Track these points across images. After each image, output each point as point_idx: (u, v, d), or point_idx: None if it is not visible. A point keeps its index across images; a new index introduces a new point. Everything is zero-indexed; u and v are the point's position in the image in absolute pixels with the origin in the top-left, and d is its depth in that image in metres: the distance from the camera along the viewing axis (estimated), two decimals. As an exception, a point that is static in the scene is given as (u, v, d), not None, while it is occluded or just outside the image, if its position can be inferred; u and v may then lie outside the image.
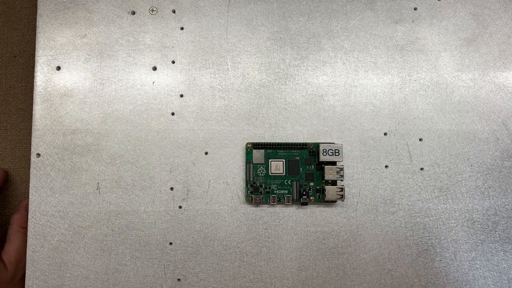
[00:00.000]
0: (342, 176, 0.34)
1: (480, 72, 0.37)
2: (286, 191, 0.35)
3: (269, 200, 0.35)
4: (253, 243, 0.35)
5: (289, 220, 0.35)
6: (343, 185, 0.34)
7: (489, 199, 0.36)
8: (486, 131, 0.36)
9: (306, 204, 0.35)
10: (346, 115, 0.36)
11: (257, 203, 0.35)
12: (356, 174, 0.36)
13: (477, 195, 0.36)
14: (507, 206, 0.36)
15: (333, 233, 0.35)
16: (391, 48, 0.37)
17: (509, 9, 0.38)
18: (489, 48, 0.37)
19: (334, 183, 0.35)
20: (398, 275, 0.35)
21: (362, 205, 0.35)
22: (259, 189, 0.35)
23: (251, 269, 0.34)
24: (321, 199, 0.35)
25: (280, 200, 0.35)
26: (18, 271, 0.34)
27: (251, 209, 0.35)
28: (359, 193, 0.35)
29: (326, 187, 0.34)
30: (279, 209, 0.35)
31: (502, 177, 0.36)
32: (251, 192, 0.35)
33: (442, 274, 0.35)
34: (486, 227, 0.35)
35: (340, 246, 0.35)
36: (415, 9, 0.38)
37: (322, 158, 0.34)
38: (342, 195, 0.34)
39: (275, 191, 0.35)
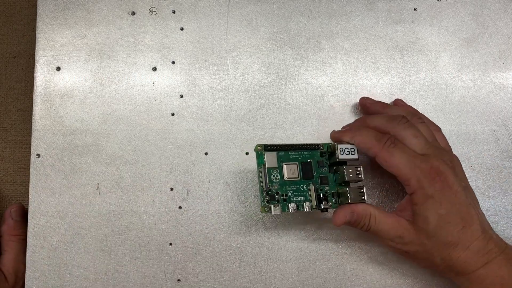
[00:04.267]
0: (362, 175, 0.31)
1: (480, 73, 0.37)
2: (303, 198, 0.31)
3: (288, 208, 0.30)
4: (253, 244, 0.35)
5: (289, 220, 0.35)
6: (363, 185, 0.31)
7: (489, 199, 0.36)
8: (486, 131, 0.36)
9: (326, 210, 0.31)
10: (346, 115, 0.36)
11: (276, 214, 0.31)
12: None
13: (477, 195, 0.35)
14: (507, 207, 0.36)
15: (332, 233, 0.35)
16: (391, 48, 0.37)
17: (509, 10, 0.38)
18: (489, 48, 0.37)
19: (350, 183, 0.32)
20: (398, 275, 0.34)
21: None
22: (275, 197, 0.30)
23: (251, 270, 0.34)
24: (341, 203, 0.31)
25: (298, 208, 0.30)
26: (18, 280, 0.34)
27: (251, 209, 0.35)
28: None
29: (349, 188, 0.31)
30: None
31: (502, 178, 0.36)
32: (268, 201, 0.30)
33: (442, 274, 0.35)
34: (486, 227, 0.35)
35: (340, 246, 0.35)
36: (415, 9, 0.38)
37: (340, 157, 0.31)
38: (363, 196, 0.31)
39: (292, 199, 0.31)
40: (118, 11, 0.37)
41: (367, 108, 0.35)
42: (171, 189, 0.35)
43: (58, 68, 0.36)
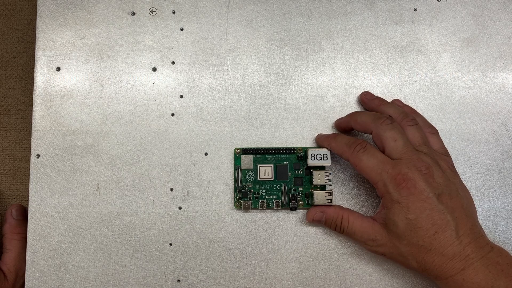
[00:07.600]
0: (330, 180, 0.34)
1: (480, 73, 0.37)
2: (275, 196, 0.34)
3: (258, 205, 0.34)
4: (253, 244, 0.35)
5: (289, 221, 0.35)
6: (331, 190, 0.34)
7: (489, 200, 0.36)
8: (486, 131, 0.36)
9: (295, 209, 0.34)
10: (346, 116, 0.36)
11: (246, 209, 0.34)
12: (357, 174, 0.36)
13: (477, 196, 0.36)
14: (507, 207, 0.36)
15: (332, 234, 0.35)
16: (391, 49, 0.37)
17: (509, 10, 0.38)
18: (489, 49, 0.37)
19: (323, 187, 0.34)
20: (398, 275, 0.34)
21: (363, 206, 0.35)
22: (248, 195, 0.34)
23: (251, 270, 0.34)
24: (310, 204, 0.34)
25: (269, 206, 0.34)
26: (18, 279, 0.34)
27: (251, 210, 0.35)
28: (360, 194, 0.35)
29: (315, 191, 0.34)
30: (279, 211, 0.35)
31: (502, 178, 0.36)
32: (240, 198, 0.34)
33: (442, 275, 0.35)
34: (486, 228, 0.35)
35: (340, 246, 0.35)
36: (415, 10, 0.38)
37: (311, 162, 0.33)
38: (330, 200, 0.33)
39: (264, 197, 0.34)
40: (118, 12, 0.37)
41: (365, 104, 0.36)
42: (171, 189, 0.35)
43: (58, 69, 0.36)
